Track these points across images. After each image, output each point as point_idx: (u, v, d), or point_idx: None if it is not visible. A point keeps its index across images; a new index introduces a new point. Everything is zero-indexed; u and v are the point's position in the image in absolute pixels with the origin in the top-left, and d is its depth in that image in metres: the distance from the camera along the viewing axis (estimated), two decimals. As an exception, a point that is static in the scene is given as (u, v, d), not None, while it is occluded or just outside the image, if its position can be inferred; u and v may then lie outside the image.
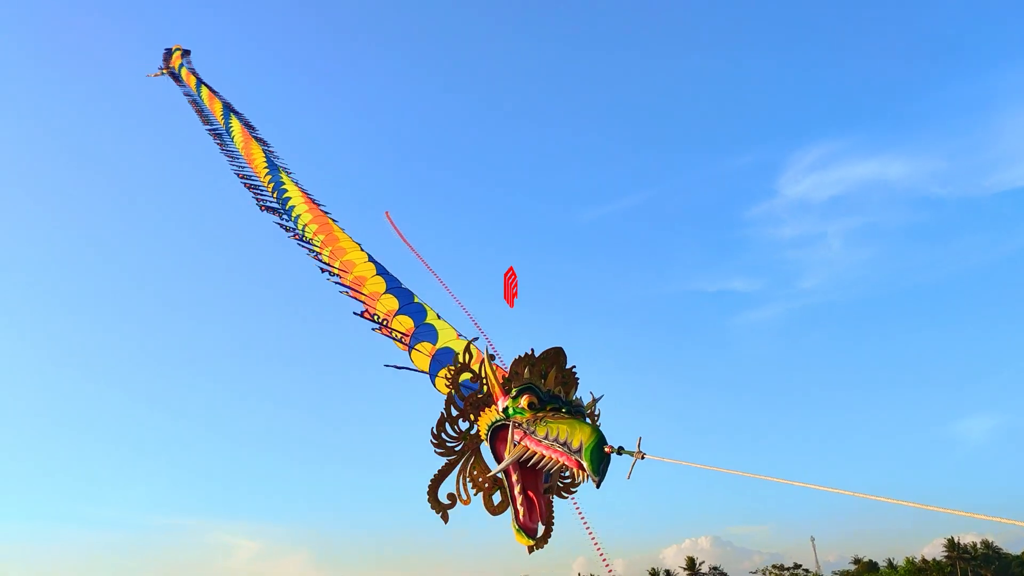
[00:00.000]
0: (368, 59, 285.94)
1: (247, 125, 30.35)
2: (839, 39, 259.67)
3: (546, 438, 6.80)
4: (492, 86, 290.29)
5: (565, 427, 6.67)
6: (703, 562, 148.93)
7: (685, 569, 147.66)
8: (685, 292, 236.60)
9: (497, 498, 7.71)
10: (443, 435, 7.88)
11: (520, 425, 7.21)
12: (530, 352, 7.54)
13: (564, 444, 6.57)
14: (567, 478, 7.96)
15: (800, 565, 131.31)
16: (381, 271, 15.64)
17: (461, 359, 8.47)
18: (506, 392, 7.51)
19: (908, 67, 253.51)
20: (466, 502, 7.78)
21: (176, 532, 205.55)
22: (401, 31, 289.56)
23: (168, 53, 41.51)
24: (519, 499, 7.21)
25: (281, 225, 21.08)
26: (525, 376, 7.43)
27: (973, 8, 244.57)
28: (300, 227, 19.88)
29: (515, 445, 7.24)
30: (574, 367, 7.63)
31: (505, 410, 7.49)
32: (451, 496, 7.83)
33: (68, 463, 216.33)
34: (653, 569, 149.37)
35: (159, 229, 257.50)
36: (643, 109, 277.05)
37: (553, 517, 7.53)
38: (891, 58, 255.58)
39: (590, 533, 13.88)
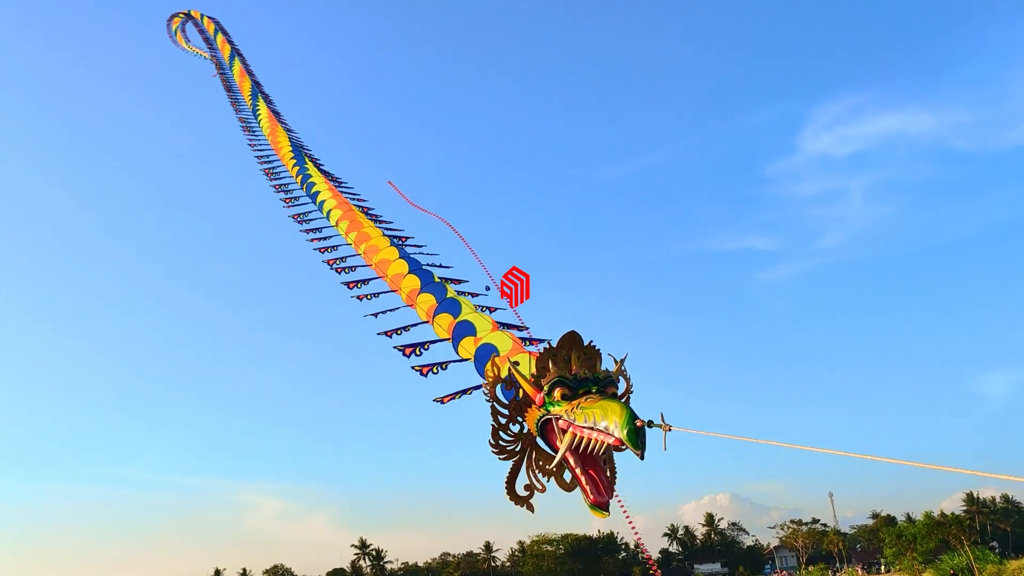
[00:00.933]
0: (378, 22, 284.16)
1: (275, 112, 30.21)
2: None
3: (585, 423, 7.33)
4: (509, 48, 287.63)
5: (599, 411, 7.20)
6: (722, 518, 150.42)
7: (704, 525, 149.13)
8: (705, 251, 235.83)
9: (568, 476, 8.38)
10: (500, 442, 8.59)
11: (561, 418, 7.78)
12: (548, 344, 8.16)
13: (603, 427, 7.08)
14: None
15: (818, 520, 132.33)
16: (404, 255, 15.73)
17: (491, 372, 9.16)
18: (539, 389, 8.09)
19: (929, 17, 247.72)
20: (542, 490, 8.63)
21: (200, 491, 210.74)
22: None
23: (203, 31, 41.08)
24: (583, 479, 7.79)
25: (307, 230, 20.62)
26: (551, 368, 7.99)
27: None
28: (325, 213, 19.96)
29: (562, 435, 7.79)
30: (591, 342, 8.11)
31: (543, 405, 8.06)
32: (528, 487, 8.67)
33: (97, 426, 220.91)
34: (673, 525, 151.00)
35: (182, 214, 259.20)
36: (661, 66, 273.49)
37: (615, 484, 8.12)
38: (912, 7, 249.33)
39: (621, 504, 13.85)
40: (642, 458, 6.87)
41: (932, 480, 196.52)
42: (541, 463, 8.65)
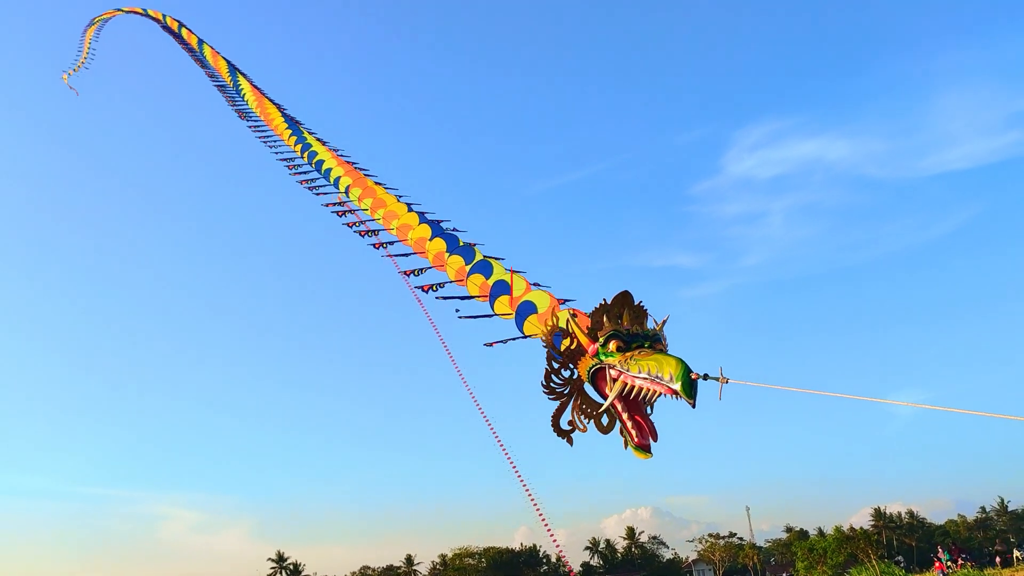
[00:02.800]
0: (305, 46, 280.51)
1: (257, 87, 29.46)
2: (784, 19, 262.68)
3: (639, 374, 7.94)
4: (445, 56, 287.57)
5: (654, 362, 7.81)
6: (643, 532, 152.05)
7: (625, 538, 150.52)
8: (632, 267, 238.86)
9: (605, 420, 9.03)
10: (551, 383, 9.30)
11: (614, 367, 8.38)
12: (604, 301, 8.78)
13: (657, 377, 7.68)
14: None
15: (735, 534, 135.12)
16: (424, 219, 15.56)
17: (548, 322, 10.07)
18: (594, 340, 8.72)
19: (849, 49, 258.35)
20: (583, 429, 9.20)
21: (110, 503, 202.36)
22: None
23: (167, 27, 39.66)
24: (629, 424, 8.44)
25: (349, 220, 19.72)
26: (605, 322, 8.64)
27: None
28: (343, 189, 19.28)
29: (612, 383, 8.44)
30: (640, 302, 8.83)
31: (597, 355, 8.69)
32: (570, 423, 9.27)
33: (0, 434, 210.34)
34: (594, 538, 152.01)
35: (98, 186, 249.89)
36: (593, 84, 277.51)
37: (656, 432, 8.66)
38: (834, 38, 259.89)
39: (534, 502, 14.06)
40: (694, 407, 7.41)
41: (844, 496, 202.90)
42: (584, 407, 9.25)
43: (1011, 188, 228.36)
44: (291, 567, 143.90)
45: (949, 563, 45.39)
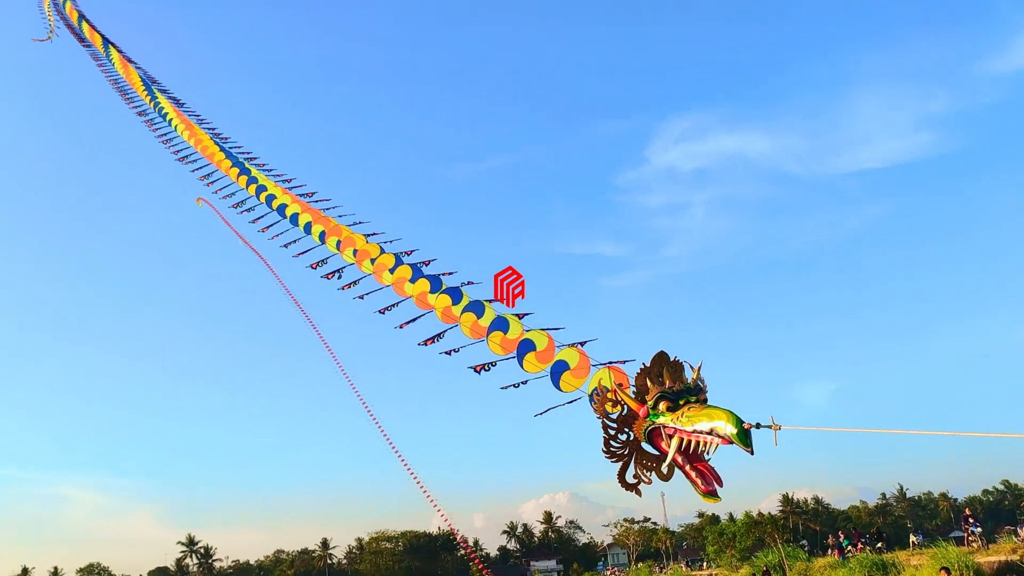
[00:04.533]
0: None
1: (175, 100, 25.87)
2: (711, 15, 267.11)
3: (694, 429, 8.55)
4: (371, 39, 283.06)
5: (705, 417, 8.44)
6: (560, 516, 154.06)
7: (543, 523, 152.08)
8: (555, 254, 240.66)
9: (665, 469, 9.41)
10: (611, 448, 9.87)
11: (668, 426, 8.99)
12: (644, 365, 9.46)
13: (711, 430, 8.31)
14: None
15: (649, 518, 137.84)
16: (415, 269, 14.81)
17: (598, 389, 10.56)
18: (642, 404, 9.39)
19: (771, 48, 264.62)
20: (648, 482, 9.69)
21: (6, 483, 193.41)
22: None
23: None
24: (693, 474, 8.87)
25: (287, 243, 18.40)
26: (650, 386, 9.30)
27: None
28: (299, 224, 17.81)
29: (670, 439, 8.99)
30: (676, 357, 9.38)
31: (648, 416, 9.30)
32: (635, 476, 9.75)
33: None
34: (512, 523, 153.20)
35: None
36: (520, 72, 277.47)
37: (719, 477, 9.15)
38: (758, 37, 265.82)
39: (423, 488, 14.40)
40: (752, 454, 8.00)
41: (755, 483, 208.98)
42: (645, 461, 9.72)
43: (920, 187, 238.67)
44: (202, 551, 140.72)
45: (849, 547, 46.99)
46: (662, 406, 9.13)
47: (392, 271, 15.02)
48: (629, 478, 9.89)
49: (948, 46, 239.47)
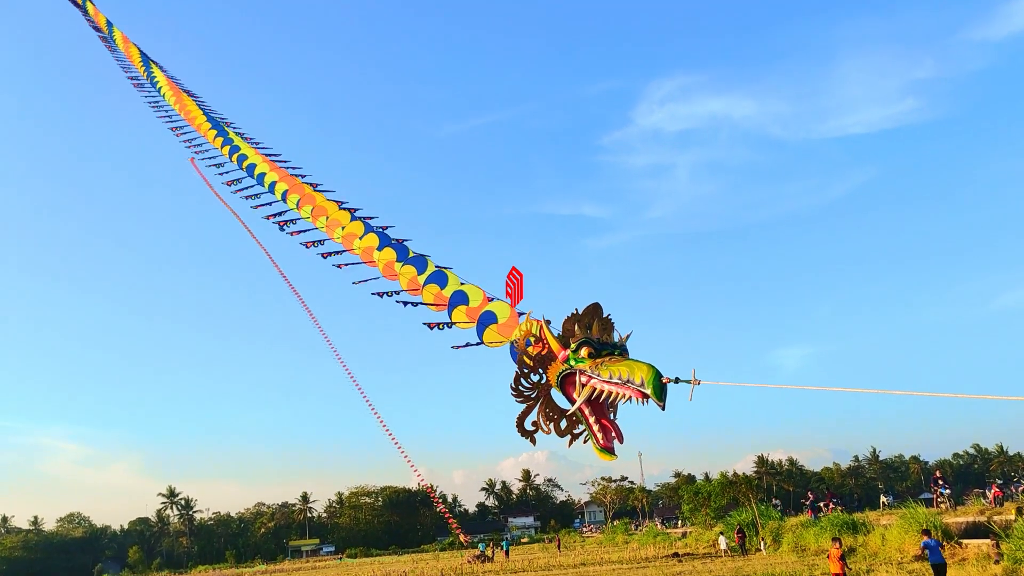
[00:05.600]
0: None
1: (173, 78, 26.87)
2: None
3: (610, 378, 8.37)
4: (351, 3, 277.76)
5: (625, 367, 8.22)
6: (538, 474, 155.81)
7: (521, 480, 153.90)
8: (539, 214, 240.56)
9: (563, 424, 9.47)
10: (519, 387, 9.78)
11: (585, 372, 8.85)
12: (575, 311, 9.31)
13: (628, 381, 8.09)
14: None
15: (626, 477, 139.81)
16: (369, 228, 15.42)
17: (521, 328, 10.57)
18: (565, 347, 9.21)
19: (758, 11, 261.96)
20: (547, 432, 9.63)
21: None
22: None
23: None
24: (595, 427, 8.81)
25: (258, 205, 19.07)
26: (576, 331, 9.15)
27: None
28: (279, 196, 18.27)
29: (583, 387, 8.87)
30: (609, 315, 9.30)
31: (568, 360, 9.13)
32: (534, 424, 9.68)
33: None
34: (491, 480, 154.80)
35: None
36: (507, 31, 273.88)
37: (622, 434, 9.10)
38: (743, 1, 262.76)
39: (400, 448, 14.78)
40: (663, 409, 7.83)
41: (731, 444, 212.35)
42: (549, 411, 9.64)
43: (904, 153, 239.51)
44: (182, 502, 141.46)
45: (821, 506, 47.88)
46: (584, 351, 8.98)
47: (361, 239, 15.35)
48: (528, 424, 9.81)
49: (936, 12, 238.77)
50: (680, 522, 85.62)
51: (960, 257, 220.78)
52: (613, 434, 8.91)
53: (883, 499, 56.29)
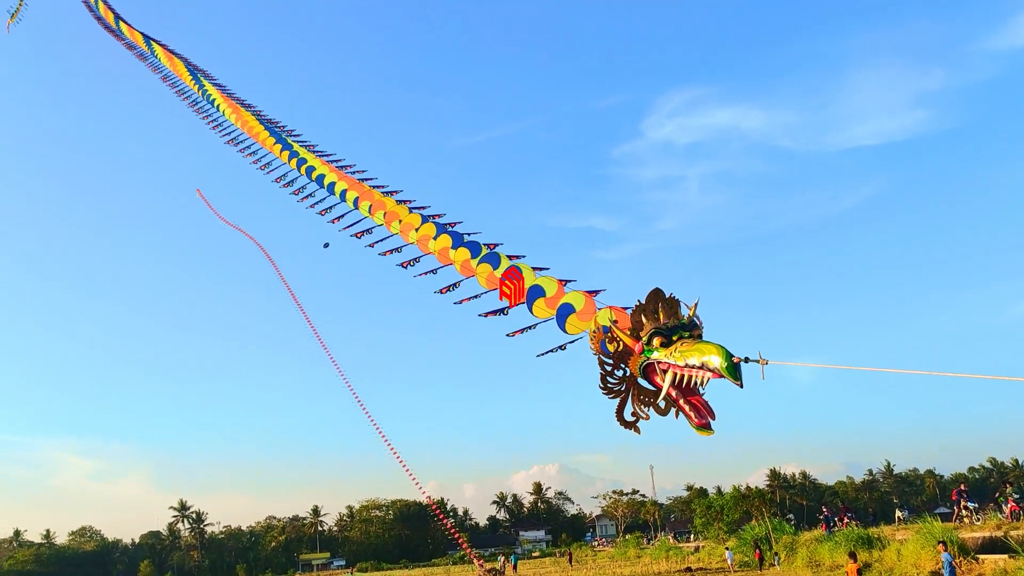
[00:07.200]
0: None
1: (221, 87, 26.46)
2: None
3: (686, 364, 8.65)
4: (367, 11, 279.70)
5: (696, 352, 8.51)
6: (549, 487, 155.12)
7: (532, 494, 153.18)
8: (549, 227, 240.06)
9: (662, 404, 9.59)
10: (608, 384, 10.00)
11: (662, 361, 9.09)
12: (639, 301, 9.54)
13: (703, 364, 8.38)
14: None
15: (638, 491, 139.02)
16: (441, 229, 15.30)
17: (595, 329, 10.64)
18: (638, 340, 9.45)
19: (767, 23, 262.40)
20: (646, 417, 9.79)
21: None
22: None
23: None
24: (687, 408, 8.97)
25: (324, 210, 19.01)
26: (644, 322, 9.41)
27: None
28: (351, 203, 18.10)
29: (663, 375, 9.09)
30: (672, 294, 9.51)
31: (643, 352, 9.37)
32: (634, 414, 9.86)
33: None
34: (502, 493, 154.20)
35: None
36: (517, 44, 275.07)
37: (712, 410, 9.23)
38: (753, 12, 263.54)
39: (402, 464, 15.27)
40: (741, 387, 8.09)
41: (743, 457, 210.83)
42: (643, 397, 9.85)
43: (914, 164, 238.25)
44: (194, 515, 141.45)
45: (836, 520, 47.37)
46: (656, 341, 9.21)
47: (417, 230, 15.59)
48: (627, 415, 10.00)
49: (945, 23, 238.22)
50: (692, 536, 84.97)
51: (971, 267, 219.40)
52: (705, 411, 9.02)
53: (898, 513, 55.67)
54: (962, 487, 43.80)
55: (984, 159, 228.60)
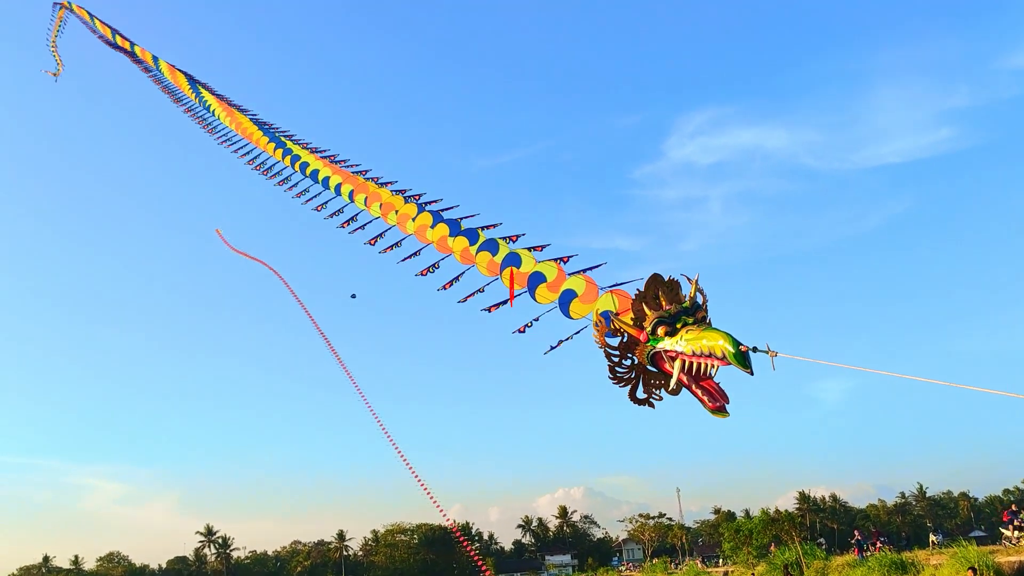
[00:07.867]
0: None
1: (220, 96, 27.07)
2: (728, 9, 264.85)
3: (693, 352, 8.59)
4: (392, 31, 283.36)
5: (702, 340, 8.46)
6: (575, 511, 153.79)
7: (557, 517, 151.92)
8: (572, 248, 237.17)
9: (673, 384, 9.37)
10: (617, 374, 9.83)
11: (669, 349, 9.00)
12: (638, 291, 9.43)
13: (710, 353, 8.33)
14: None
15: (664, 514, 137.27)
16: (439, 218, 15.24)
17: (597, 320, 10.48)
18: (641, 329, 9.33)
19: (789, 42, 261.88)
20: (660, 398, 9.73)
21: (27, 472, 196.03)
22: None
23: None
24: (699, 392, 8.84)
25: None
26: (646, 311, 9.25)
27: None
28: (347, 197, 18.15)
29: (672, 361, 8.97)
30: (671, 276, 9.35)
31: (648, 341, 9.26)
32: (647, 392, 9.75)
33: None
34: (527, 517, 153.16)
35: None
36: (537, 64, 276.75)
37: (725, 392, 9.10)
38: (775, 31, 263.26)
39: (422, 485, 14.76)
40: (752, 375, 8.02)
41: (771, 479, 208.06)
42: (653, 381, 9.72)
43: (941, 183, 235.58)
44: (220, 540, 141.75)
45: (868, 545, 46.44)
46: (660, 331, 9.14)
47: (414, 219, 15.42)
48: (639, 394, 9.89)
49: (969, 40, 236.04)
50: (721, 561, 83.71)
51: (1001, 285, 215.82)
52: (718, 394, 8.91)
53: (932, 537, 54.44)
54: (1013, 508, 42.25)
55: (1012, 176, 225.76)
